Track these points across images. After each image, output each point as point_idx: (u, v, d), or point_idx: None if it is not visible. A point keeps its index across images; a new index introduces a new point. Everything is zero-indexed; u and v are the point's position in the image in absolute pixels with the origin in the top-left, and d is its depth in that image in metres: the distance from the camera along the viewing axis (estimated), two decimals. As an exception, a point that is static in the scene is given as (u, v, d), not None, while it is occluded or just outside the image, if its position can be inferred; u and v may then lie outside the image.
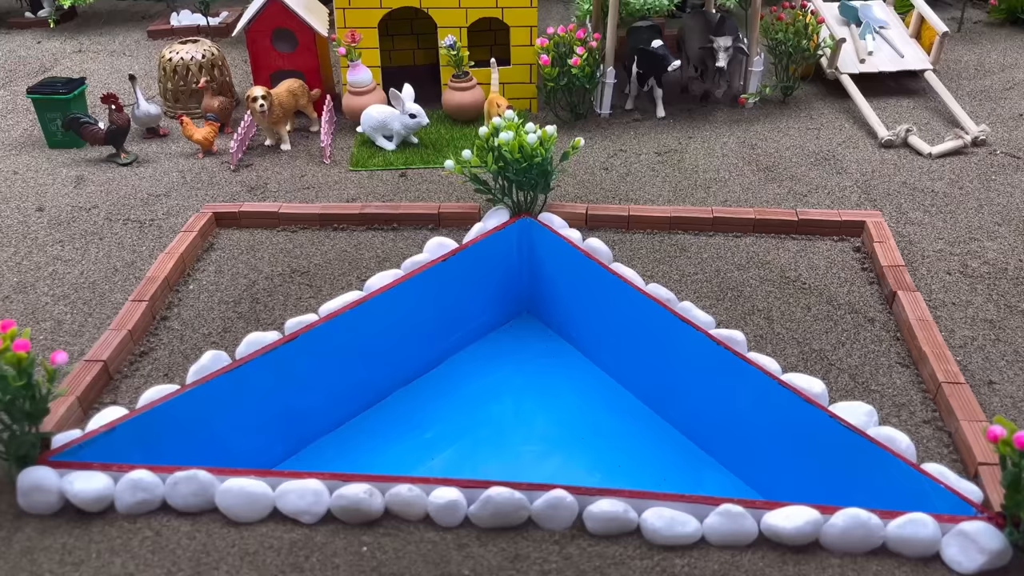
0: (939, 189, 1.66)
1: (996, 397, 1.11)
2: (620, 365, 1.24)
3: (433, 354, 1.30)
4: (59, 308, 1.35)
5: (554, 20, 2.82)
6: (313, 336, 1.13)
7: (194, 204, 1.66)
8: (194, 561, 0.88)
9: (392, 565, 0.87)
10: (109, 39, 2.78)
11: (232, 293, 1.37)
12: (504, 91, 2.05)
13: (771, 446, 1.04)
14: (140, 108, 1.96)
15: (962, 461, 1.01)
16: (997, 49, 2.49)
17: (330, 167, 1.83)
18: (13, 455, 0.94)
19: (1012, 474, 0.81)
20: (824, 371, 1.14)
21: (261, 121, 1.88)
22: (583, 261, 1.25)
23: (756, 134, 1.97)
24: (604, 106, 2.05)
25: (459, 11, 1.97)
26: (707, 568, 0.86)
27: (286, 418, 1.13)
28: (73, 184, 1.77)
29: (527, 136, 1.30)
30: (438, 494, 0.90)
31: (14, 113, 2.19)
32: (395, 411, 1.23)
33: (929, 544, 0.86)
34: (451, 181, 1.73)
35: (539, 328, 1.38)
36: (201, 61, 2.08)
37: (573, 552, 0.88)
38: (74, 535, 0.91)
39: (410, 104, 1.85)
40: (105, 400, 1.14)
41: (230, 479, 0.92)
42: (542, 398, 1.25)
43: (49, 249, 1.52)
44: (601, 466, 1.12)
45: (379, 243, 1.50)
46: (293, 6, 1.98)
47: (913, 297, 1.24)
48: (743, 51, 2.00)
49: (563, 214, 1.45)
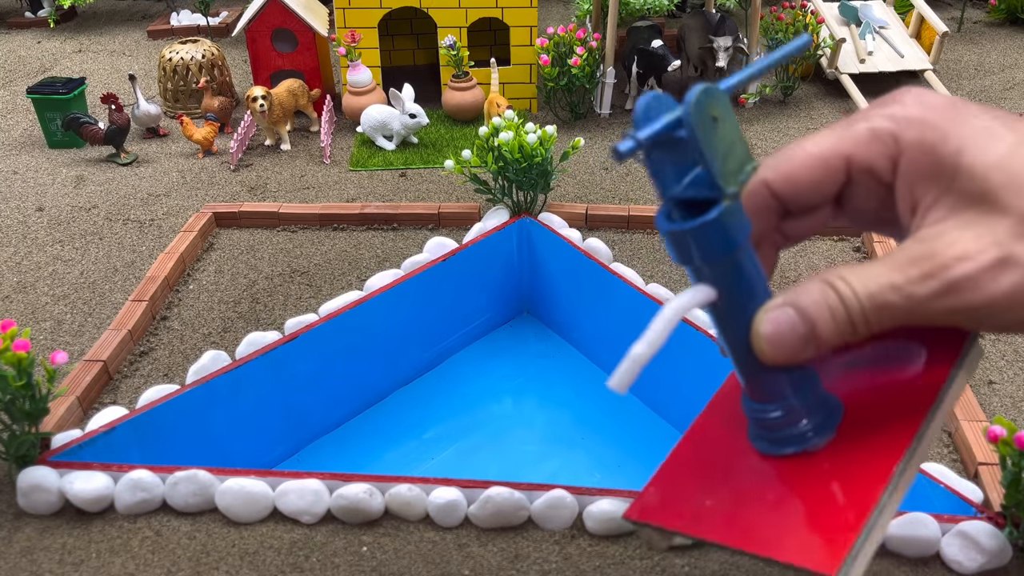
0: (939, 189, 1.66)
1: (996, 397, 1.11)
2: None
3: (433, 354, 1.30)
4: (59, 308, 1.34)
5: (554, 20, 2.81)
6: (313, 336, 1.13)
7: (194, 204, 1.66)
8: (194, 561, 0.88)
9: (392, 565, 0.87)
10: (109, 39, 2.78)
11: (232, 293, 1.36)
12: (504, 91, 2.04)
13: (771, 446, 1.04)
14: (140, 108, 1.96)
15: (962, 461, 1.01)
16: (997, 49, 2.49)
17: (330, 167, 1.83)
18: (13, 455, 0.94)
19: (1012, 474, 0.81)
20: (824, 371, 1.14)
21: (261, 121, 1.87)
22: (583, 261, 1.25)
23: (756, 134, 1.96)
24: (604, 106, 2.05)
25: (459, 11, 1.96)
26: (707, 568, 0.86)
27: (286, 418, 1.13)
28: (73, 184, 1.77)
29: (527, 136, 1.30)
30: (438, 494, 0.90)
31: (14, 113, 2.19)
32: (395, 411, 1.23)
33: (929, 544, 0.86)
34: (451, 181, 1.73)
35: (539, 328, 1.38)
36: (201, 61, 2.08)
37: (573, 552, 0.88)
38: (74, 535, 0.91)
39: (410, 104, 1.84)
40: (105, 400, 1.14)
41: (230, 479, 0.92)
42: (542, 398, 1.24)
43: (49, 249, 1.52)
44: (601, 466, 1.12)
45: (379, 243, 1.50)
46: (293, 6, 1.98)
47: (913, 297, 1.24)
48: (743, 51, 2.00)
49: (563, 214, 1.45)
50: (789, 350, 0.54)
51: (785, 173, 0.59)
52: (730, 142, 0.52)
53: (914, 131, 0.56)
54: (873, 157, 0.57)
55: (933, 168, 0.55)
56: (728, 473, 0.61)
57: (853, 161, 0.58)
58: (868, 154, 0.58)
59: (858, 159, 0.57)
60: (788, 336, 0.54)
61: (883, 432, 0.56)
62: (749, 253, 0.54)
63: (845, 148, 0.58)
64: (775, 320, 0.54)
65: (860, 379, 0.59)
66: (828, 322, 0.53)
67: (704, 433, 0.67)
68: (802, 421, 0.57)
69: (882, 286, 0.53)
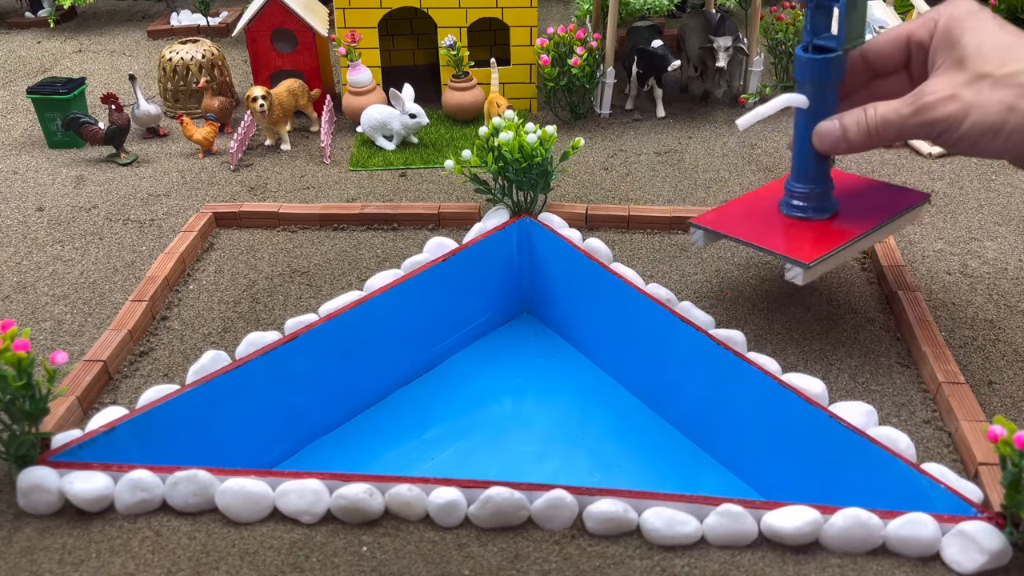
0: (939, 189, 1.66)
1: (996, 397, 1.11)
2: (620, 365, 1.24)
3: (433, 354, 1.30)
4: (59, 308, 1.34)
5: (554, 20, 2.81)
6: (313, 336, 1.13)
7: (194, 204, 1.66)
8: (194, 561, 0.88)
9: (392, 565, 0.87)
10: (109, 39, 2.78)
11: (232, 293, 1.37)
12: (504, 91, 2.04)
13: (771, 446, 1.04)
14: (140, 108, 1.96)
15: (962, 461, 1.01)
16: (997, 49, 2.49)
17: (330, 167, 1.83)
18: (13, 455, 0.94)
19: (1012, 474, 0.81)
20: (824, 371, 1.14)
21: (261, 121, 1.87)
22: (583, 261, 1.25)
23: (756, 134, 1.97)
24: (604, 106, 2.05)
25: (459, 11, 1.96)
26: (707, 568, 0.86)
27: (286, 418, 1.13)
28: (73, 184, 1.77)
29: (527, 136, 1.30)
30: (438, 494, 0.90)
31: (14, 113, 2.19)
32: (395, 411, 1.23)
33: (929, 544, 0.86)
34: (451, 181, 1.73)
35: (539, 328, 1.38)
36: (201, 61, 2.08)
37: (573, 552, 0.88)
38: (74, 535, 0.91)
39: (410, 104, 1.84)
40: (105, 400, 1.14)
41: (230, 479, 0.92)
42: (542, 398, 1.24)
43: (49, 249, 1.52)
44: (601, 466, 1.12)
45: (379, 243, 1.50)
46: (293, 6, 1.98)
47: (913, 297, 1.24)
48: (743, 51, 2.00)
49: (563, 214, 1.45)
50: (830, 143, 1.04)
51: (873, 46, 1.04)
52: (855, 21, 1.00)
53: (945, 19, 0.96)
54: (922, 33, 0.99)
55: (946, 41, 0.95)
56: (760, 216, 1.16)
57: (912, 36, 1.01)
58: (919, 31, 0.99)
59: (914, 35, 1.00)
60: (830, 134, 1.04)
61: (852, 224, 1.12)
62: (834, 89, 1.04)
63: (907, 29, 1.01)
64: (826, 124, 1.05)
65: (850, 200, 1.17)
66: (854, 129, 1.01)
67: (752, 197, 1.23)
68: (814, 200, 1.13)
69: (889, 110, 0.97)
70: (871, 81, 1.07)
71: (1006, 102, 0.88)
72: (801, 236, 1.09)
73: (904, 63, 1.03)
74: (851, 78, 1.06)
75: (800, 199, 1.13)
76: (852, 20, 0.99)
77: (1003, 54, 0.89)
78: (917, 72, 1.02)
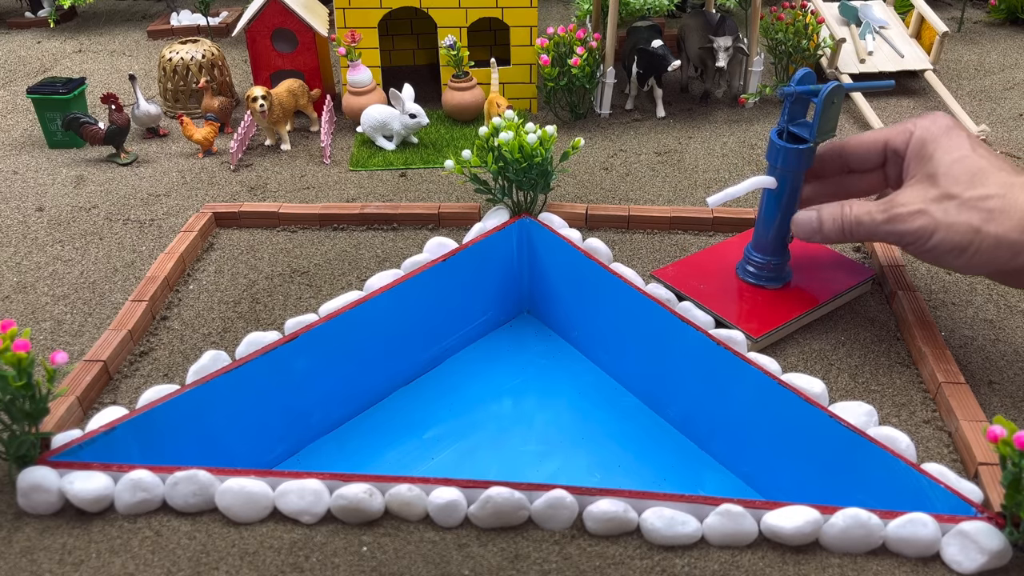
0: (939, 189, 1.65)
1: (996, 397, 1.11)
2: (620, 365, 1.24)
3: (433, 354, 1.30)
4: (59, 308, 1.34)
5: (554, 20, 2.81)
6: (313, 336, 1.13)
7: (194, 204, 1.66)
8: (194, 561, 0.88)
9: (392, 565, 0.87)
10: (109, 39, 2.78)
11: (232, 293, 1.36)
12: (504, 91, 2.04)
13: (771, 446, 1.04)
14: (140, 108, 1.96)
15: (962, 461, 1.01)
16: (997, 49, 2.49)
17: (330, 167, 1.83)
18: (13, 455, 0.94)
19: (1012, 474, 0.81)
20: (824, 371, 1.14)
21: (261, 121, 1.87)
22: (583, 261, 1.25)
23: (756, 134, 1.97)
24: (604, 106, 2.05)
25: (459, 11, 1.96)
26: (707, 568, 0.86)
27: (286, 418, 1.13)
28: (73, 184, 1.77)
29: (527, 136, 1.30)
30: (438, 494, 0.90)
31: (14, 113, 2.19)
32: (395, 411, 1.23)
33: (929, 544, 0.86)
34: (451, 181, 1.73)
35: (539, 328, 1.38)
36: (201, 61, 2.08)
37: (573, 552, 0.88)
38: (74, 535, 0.91)
39: (410, 104, 1.84)
40: (105, 400, 1.14)
41: (230, 479, 0.92)
42: (542, 398, 1.24)
43: (49, 249, 1.52)
44: (601, 466, 1.12)
45: (379, 243, 1.50)
46: (293, 6, 1.98)
47: (913, 297, 1.24)
48: (743, 51, 2.00)
49: (563, 214, 1.45)
50: (806, 232, 1.10)
51: (850, 143, 1.11)
52: (830, 118, 1.04)
53: (920, 132, 1.03)
54: (898, 142, 1.05)
55: (919, 155, 1.01)
56: (717, 277, 1.23)
57: (888, 143, 1.07)
58: (896, 139, 1.06)
59: (891, 142, 1.07)
60: (807, 224, 1.09)
61: (801, 297, 1.18)
62: (802, 174, 1.10)
63: (884, 135, 1.08)
64: (804, 215, 1.10)
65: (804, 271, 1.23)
66: (830, 223, 1.06)
67: (711, 254, 1.29)
68: (769, 271, 1.19)
69: (863, 212, 1.02)
70: (842, 176, 1.14)
71: (972, 224, 0.92)
72: (752, 305, 1.16)
73: (880, 164, 1.10)
74: (827, 167, 1.13)
75: (756, 267, 1.20)
76: (827, 116, 1.03)
77: (972, 177, 0.94)
78: (892, 174, 1.09)
